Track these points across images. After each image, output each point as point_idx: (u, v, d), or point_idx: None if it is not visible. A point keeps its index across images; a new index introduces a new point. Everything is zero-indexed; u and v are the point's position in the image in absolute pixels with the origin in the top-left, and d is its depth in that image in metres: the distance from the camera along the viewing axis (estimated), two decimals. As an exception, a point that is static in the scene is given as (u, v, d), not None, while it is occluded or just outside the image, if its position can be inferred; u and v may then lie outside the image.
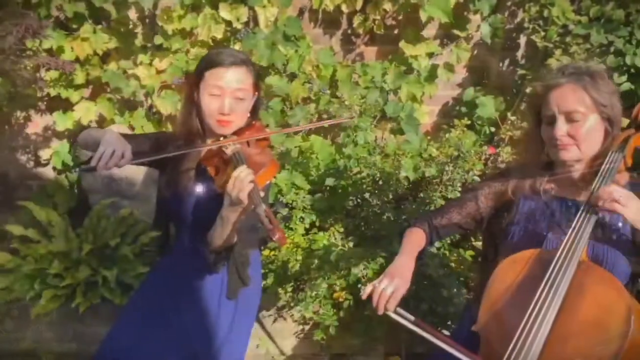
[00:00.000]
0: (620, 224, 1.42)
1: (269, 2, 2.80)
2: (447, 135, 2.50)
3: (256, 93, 1.69)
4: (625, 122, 1.51)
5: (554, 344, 1.26)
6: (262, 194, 1.45)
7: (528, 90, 2.54)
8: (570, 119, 1.39)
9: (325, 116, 2.75)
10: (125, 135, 1.71)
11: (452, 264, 2.37)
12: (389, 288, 1.38)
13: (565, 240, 1.34)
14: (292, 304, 2.31)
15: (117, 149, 1.48)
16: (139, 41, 2.91)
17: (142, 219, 2.79)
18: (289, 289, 2.46)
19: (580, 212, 1.36)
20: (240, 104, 1.62)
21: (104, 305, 2.47)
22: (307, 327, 2.50)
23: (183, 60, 2.86)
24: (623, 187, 1.38)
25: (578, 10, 2.70)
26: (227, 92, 1.60)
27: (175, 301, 1.78)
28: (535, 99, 1.47)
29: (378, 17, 2.93)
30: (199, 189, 1.71)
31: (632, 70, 2.64)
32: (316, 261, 2.26)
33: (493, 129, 2.91)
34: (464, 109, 3.08)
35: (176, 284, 1.80)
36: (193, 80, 1.67)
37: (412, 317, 1.38)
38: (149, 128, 2.94)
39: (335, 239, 2.23)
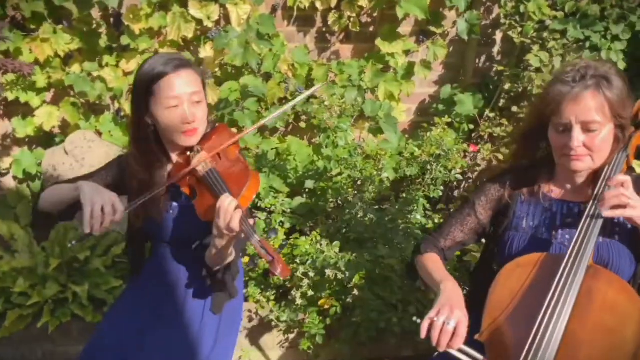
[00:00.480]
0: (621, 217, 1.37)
1: (241, 0, 2.69)
2: (428, 134, 2.45)
3: (205, 88, 1.56)
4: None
5: (566, 352, 1.22)
6: (251, 221, 1.36)
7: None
8: (587, 129, 1.30)
9: (304, 117, 2.67)
10: (84, 177, 1.59)
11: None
12: (452, 322, 1.21)
13: (572, 244, 1.29)
14: (275, 313, 2.22)
15: (105, 202, 1.34)
16: (103, 42, 2.75)
17: (113, 229, 2.65)
18: (272, 298, 2.38)
19: (586, 215, 1.31)
20: (199, 107, 1.49)
21: (75, 323, 2.33)
22: (291, 336, 2.41)
23: (151, 61, 2.73)
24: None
25: (553, 5, 2.69)
26: (185, 99, 1.46)
27: (155, 318, 1.67)
28: (548, 103, 1.35)
29: (354, 15, 2.86)
30: (175, 210, 1.60)
31: (608, 65, 2.66)
32: (301, 268, 2.18)
33: (472, 127, 2.89)
34: (441, 107, 3.05)
35: (156, 300, 1.69)
36: (138, 100, 1.49)
37: (481, 357, 1.24)
38: (117, 133, 2.80)
39: (321, 245, 2.15)
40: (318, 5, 2.80)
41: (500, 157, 2.73)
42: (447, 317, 1.21)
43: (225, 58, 2.66)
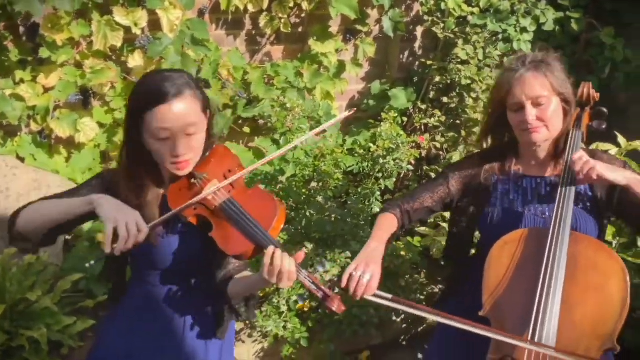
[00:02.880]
0: (582, 187, 1.57)
1: (171, 4, 2.56)
2: (379, 130, 2.54)
3: (208, 113, 1.41)
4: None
5: (564, 314, 1.35)
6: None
7: (463, 81, 2.69)
8: (536, 103, 1.50)
9: (261, 121, 2.63)
10: (58, 195, 1.41)
11: (403, 252, 2.43)
12: (366, 275, 1.38)
13: (555, 214, 1.45)
14: (251, 325, 2.17)
15: (129, 220, 1.22)
16: (14, 55, 2.45)
17: (51, 262, 2.39)
18: (243, 310, 2.32)
19: (560, 185, 1.49)
20: (194, 138, 1.34)
21: (29, 372, 2.07)
22: (266, 345, 2.38)
23: (74, 74, 2.49)
24: None
25: (469, 2, 2.93)
26: (177, 131, 1.30)
27: (152, 352, 1.56)
28: (501, 90, 1.55)
29: (285, 16, 2.86)
30: (170, 236, 1.44)
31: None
32: (278, 275, 2.15)
33: (405, 119, 3.04)
34: (372, 102, 3.18)
35: (150, 333, 1.57)
36: (130, 124, 1.36)
37: (389, 296, 1.39)
38: (42, 156, 2.52)
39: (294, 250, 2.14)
40: (250, 7, 2.76)
41: (438, 145, 2.92)
42: (363, 271, 1.38)
43: (161, 66, 2.52)
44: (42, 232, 1.38)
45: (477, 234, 1.70)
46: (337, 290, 1.28)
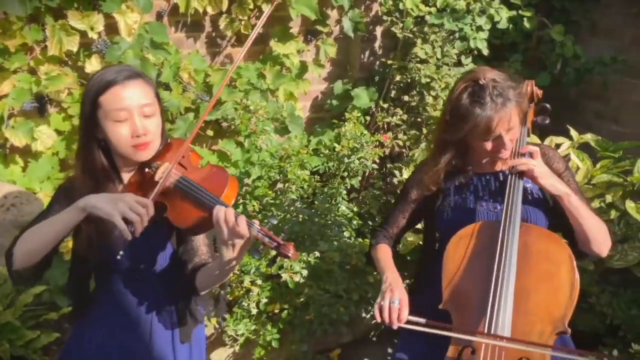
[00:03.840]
0: (530, 185, 1.65)
1: (128, 7, 2.51)
2: (343, 129, 2.57)
3: (160, 106, 1.47)
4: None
5: (519, 303, 1.42)
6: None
7: (423, 80, 2.72)
8: (509, 132, 1.53)
9: (224, 124, 2.61)
10: (38, 219, 1.43)
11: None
12: (396, 301, 1.45)
13: (505, 206, 1.52)
14: (232, 327, 2.16)
15: (131, 203, 1.26)
16: (-39, 62, 2.36)
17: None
18: (211, 308, 2.31)
19: (509, 179, 1.56)
20: (151, 121, 1.40)
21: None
22: (237, 349, 2.37)
23: (29, 81, 2.42)
24: None
25: (426, 1, 2.99)
26: (134, 111, 1.36)
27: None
28: (474, 125, 1.49)
29: (245, 18, 2.85)
30: (138, 238, 1.48)
31: (476, 53, 3.05)
32: (247, 278, 2.15)
33: (368, 118, 3.09)
34: (335, 102, 3.21)
35: (117, 339, 1.56)
36: (86, 113, 1.39)
37: (423, 321, 1.43)
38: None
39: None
40: (209, 9, 2.73)
41: (400, 142, 2.97)
42: (391, 298, 1.46)
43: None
44: (40, 260, 1.39)
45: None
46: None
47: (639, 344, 1.94)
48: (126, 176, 1.48)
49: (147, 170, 1.43)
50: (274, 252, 1.27)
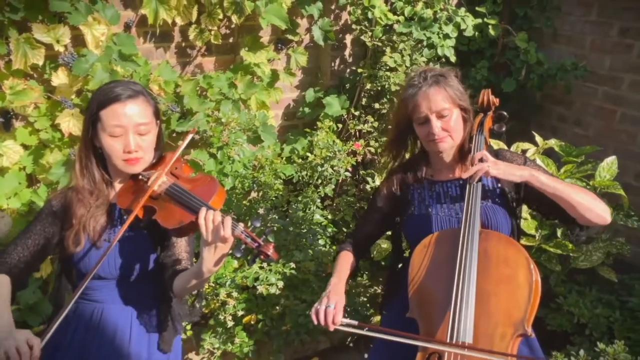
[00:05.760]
0: (489, 183, 1.72)
1: (95, 19, 2.48)
2: (315, 138, 2.59)
3: (158, 122, 1.59)
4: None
5: (480, 306, 1.47)
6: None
7: (393, 88, 2.79)
8: (440, 115, 1.64)
9: (196, 136, 2.60)
10: (20, 237, 1.51)
11: (345, 258, 2.49)
12: (331, 305, 1.53)
13: (464, 215, 1.57)
14: (207, 341, 2.15)
15: (19, 342, 1.25)
16: None
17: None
18: (188, 327, 2.30)
19: (468, 187, 1.61)
20: (145, 138, 1.51)
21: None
22: (214, 360, 2.37)
23: (-9, 96, 2.36)
24: None
25: (394, 10, 3.04)
26: (130, 129, 1.47)
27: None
28: (406, 105, 1.68)
29: (214, 28, 2.85)
30: (120, 244, 1.51)
31: (443, 60, 3.11)
32: (222, 290, 2.15)
33: (340, 125, 3.11)
34: (307, 110, 3.23)
35: (93, 347, 1.55)
36: (87, 124, 1.50)
37: (355, 323, 1.51)
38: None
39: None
40: (178, 20, 2.72)
41: (372, 150, 3.00)
42: (327, 302, 1.54)
43: (89, 84, 2.43)
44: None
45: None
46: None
47: (604, 343, 2.01)
48: (119, 183, 1.58)
49: (140, 177, 1.52)
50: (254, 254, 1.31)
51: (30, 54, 2.37)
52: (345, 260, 1.78)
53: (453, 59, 3.13)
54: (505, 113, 1.79)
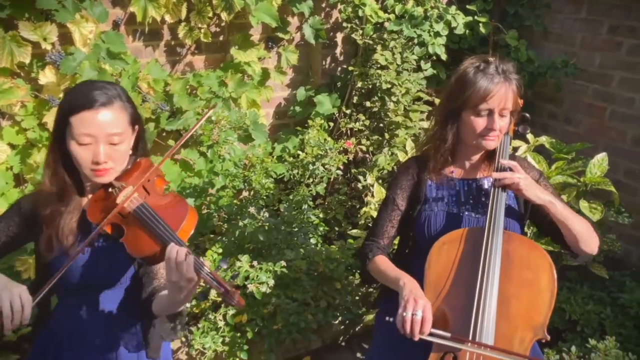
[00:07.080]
0: (510, 199, 1.67)
1: (82, 17, 2.45)
2: (307, 137, 2.58)
3: (136, 127, 1.46)
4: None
5: (501, 308, 1.44)
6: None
7: (384, 86, 2.72)
8: (502, 114, 1.55)
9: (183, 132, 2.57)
10: None
11: (337, 256, 2.48)
12: (418, 312, 1.37)
13: (488, 214, 1.53)
14: (199, 341, 2.13)
15: (13, 298, 1.21)
16: None
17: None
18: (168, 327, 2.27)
19: (493, 187, 1.57)
20: (117, 148, 1.38)
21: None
22: (205, 361, 2.35)
23: (-23, 95, 2.33)
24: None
25: (385, 8, 3.03)
26: (101, 139, 1.35)
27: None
28: (474, 89, 1.53)
29: (204, 26, 2.83)
30: (96, 254, 1.46)
31: (434, 58, 3.11)
32: (213, 291, 2.13)
33: (332, 124, 3.10)
34: (298, 108, 3.21)
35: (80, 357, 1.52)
36: (56, 127, 1.38)
37: (448, 334, 1.38)
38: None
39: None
40: (167, 18, 2.70)
41: (364, 148, 3.00)
42: (413, 308, 1.37)
43: (76, 82, 2.40)
44: None
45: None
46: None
47: (596, 339, 2.01)
48: (91, 189, 1.47)
49: (110, 190, 1.42)
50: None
51: (17, 52, 2.34)
52: (388, 261, 1.66)
53: (444, 57, 3.13)
54: (527, 115, 1.74)
